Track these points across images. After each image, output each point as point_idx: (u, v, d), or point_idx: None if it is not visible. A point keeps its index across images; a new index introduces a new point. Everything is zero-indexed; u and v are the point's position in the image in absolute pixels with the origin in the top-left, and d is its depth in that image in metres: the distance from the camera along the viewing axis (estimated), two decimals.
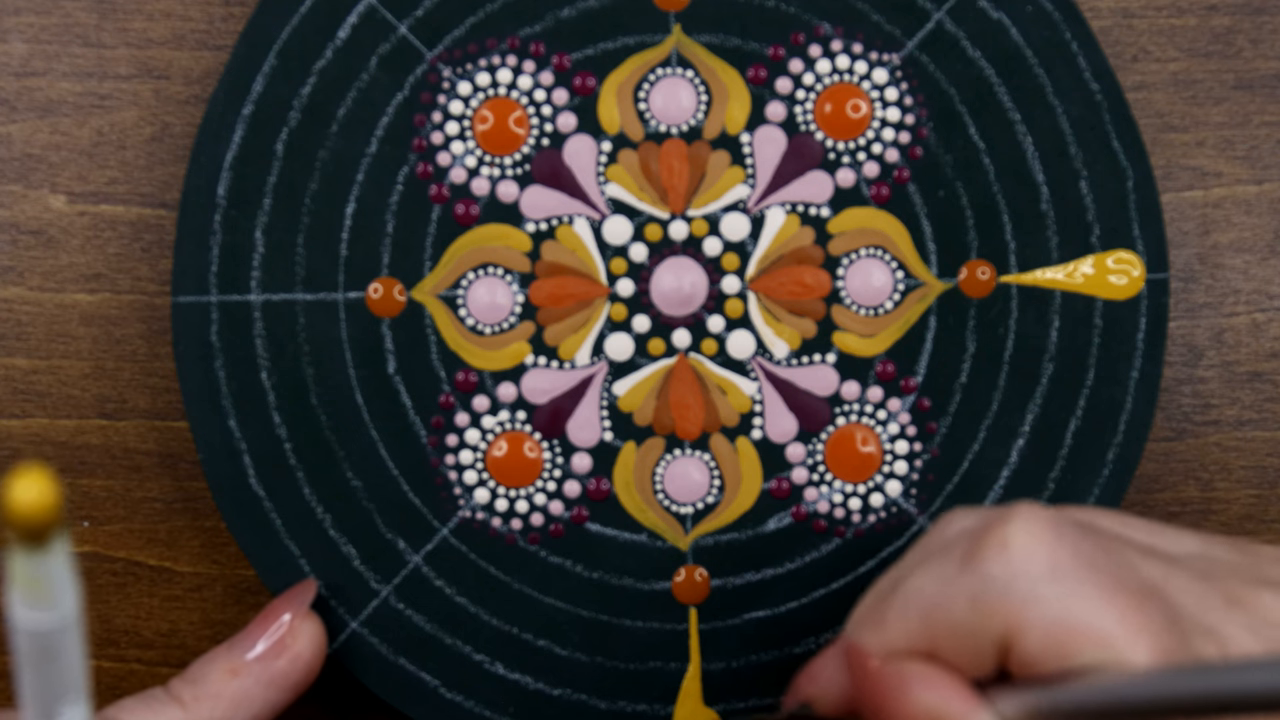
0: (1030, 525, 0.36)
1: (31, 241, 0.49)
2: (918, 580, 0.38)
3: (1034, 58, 0.47)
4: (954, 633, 0.37)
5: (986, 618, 0.36)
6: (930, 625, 0.37)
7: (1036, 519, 0.37)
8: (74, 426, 0.49)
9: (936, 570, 0.37)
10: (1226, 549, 0.39)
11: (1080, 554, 0.36)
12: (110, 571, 0.49)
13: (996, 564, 0.36)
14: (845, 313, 0.47)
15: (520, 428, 0.47)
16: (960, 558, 0.37)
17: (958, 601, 0.36)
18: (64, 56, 0.49)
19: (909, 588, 0.38)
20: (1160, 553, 0.38)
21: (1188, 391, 0.49)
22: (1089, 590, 0.35)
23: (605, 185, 0.47)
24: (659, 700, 0.47)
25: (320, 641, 0.44)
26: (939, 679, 0.37)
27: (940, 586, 0.37)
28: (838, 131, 0.47)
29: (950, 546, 0.38)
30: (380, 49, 0.47)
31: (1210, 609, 0.36)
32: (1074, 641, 0.35)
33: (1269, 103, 0.49)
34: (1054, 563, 0.36)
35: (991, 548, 0.36)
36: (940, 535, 0.39)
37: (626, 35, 0.47)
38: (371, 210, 0.47)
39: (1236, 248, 0.49)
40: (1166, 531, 0.40)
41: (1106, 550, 0.37)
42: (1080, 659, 0.35)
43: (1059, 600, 0.35)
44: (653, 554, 0.47)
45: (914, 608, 0.37)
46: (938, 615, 0.37)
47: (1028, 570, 0.36)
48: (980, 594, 0.36)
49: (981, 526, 0.37)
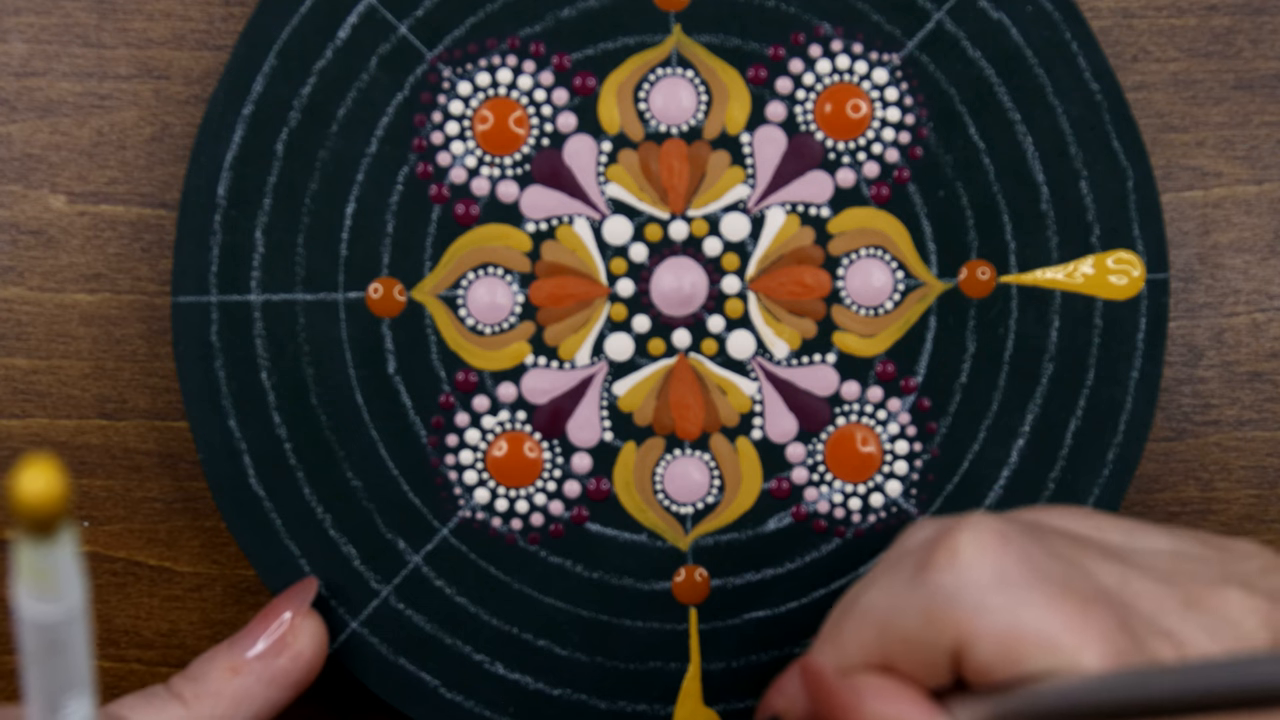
0: (978, 535, 0.37)
1: (31, 241, 0.49)
2: (872, 594, 0.38)
3: (1034, 58, 0.47)
4: (907, 645, 0.37)
5: (937, 629, 0.36)
6: (884, 638, 0.37)
7: (984, 528, 0.37)
8: (74, 426, 0.49)
9: (889, 583, 0.38)
10: (1198, 545, 0.39)
11: (1029, 561, 0.36)
12: (110, 571, 0.49)
13: (945, 575, 0.36)
14: (845, 313, 0.47)
15: (520, 428, 0.47)
16: (912, 570, 0.37)
17: (909, 614, 0.37)
18: (64, 56, 0.49)
19: (864, 602, 0.38)
20: (1123, 555, 0.38)
21: (1188, 391, 0.49)
22: (1036, 597, 0.35)
23: (605, 185, 0.47)
24: (659, 700, 0.47)
25: (321, 640, 0.44)
26: (893, 691, 0.37)
27: (893, 599, 0.37)
28: (838, 131, 0.48)
29: (905, 559, 0.38)
30: (380, 49, 0.47)
31: (1168, 611, 0.36)
32: (1023, 649, 0.35)
33: (1269, 103, 0.49)
34: (1001, 571, 0.36)
35: (940, 559, 0.37)
36: (900, 548, 0.40)
37: (626, 35, 0.47)
38: (371, 210, 0.47)
39: (1236, 248, 0.50)
40: (1137, 530, 0.40)
41: (1057, 556, 0.37)
42: (1031, 666, 0.35)
43: (1006, 609, 0.35)
44: (653, 554, 0.47)
45: (869, 622, 0.38)
46: (891, 628, 0.37)
47: (975, 580, 0.36)
48: (929, 606, 0.36)
49: (933, 538, 0.38)
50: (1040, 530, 0.38)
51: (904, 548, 0.39)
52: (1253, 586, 0.37)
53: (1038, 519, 0.40)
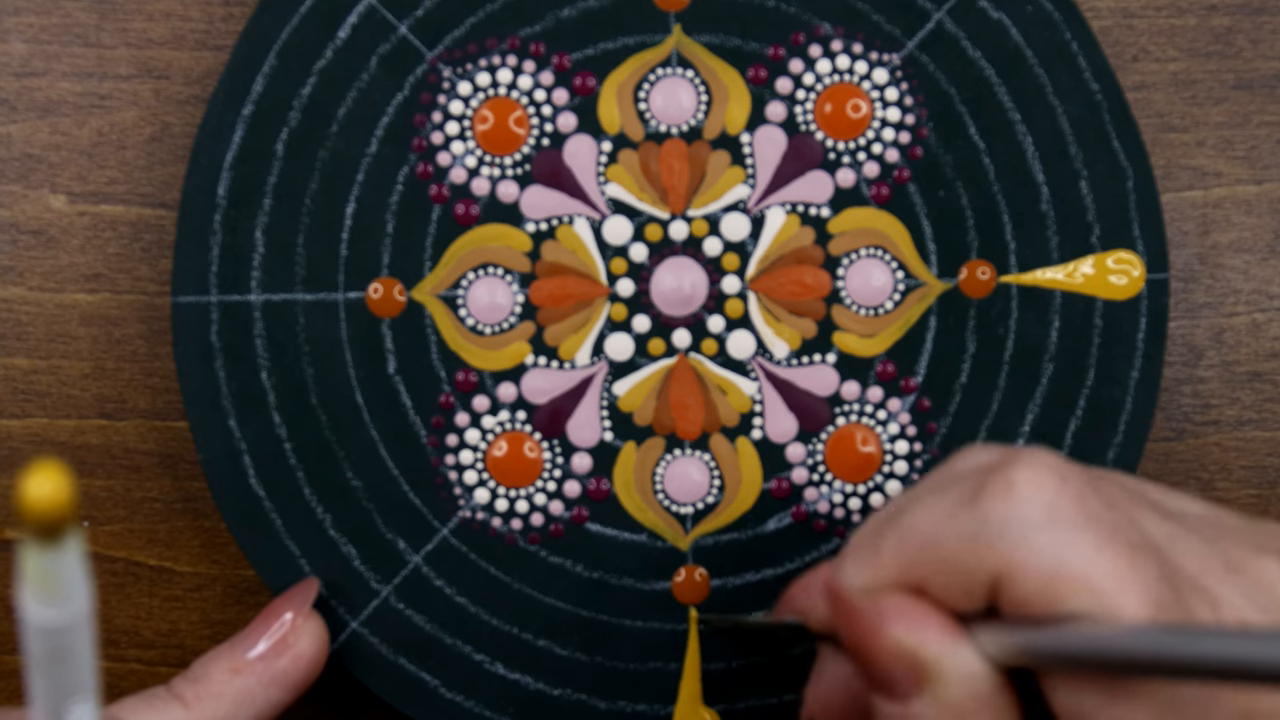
0: (1036, 471, 0.36)
1: (31, 241, 0.48)
2: (918, 513, 0.37)
3: (1034, 58, 0.47)
4: (945, 568, 0.36)
5: (981, 558, 0.36)
6: (923, 559, 0.37)
7: (1044, 465, 0.36)
8: (74, 426, 0.49)
9: (938, 504, 0.37)
10: (1232, 518, 0.39)
11: (1082, 503, 0.36)
12: (110, 571, 0.49)
13: (997, 505, 0.36)
14: (845, 313, 0.47)
15: (520, 428, 0.47)
16: (963, 495, 0.37)
17: (955, 539, 0.36)
18: (64, 56, 0.48)
19: (909, 519, 0.37)
20: (1172, 513, 0.38)
21: (1188, 391, 0.49)
22: (1085, 539, 0.35)
23: (605, 185, 0.47)
24: (659, 700, 0.47)
25: (322, 640, 0.44)
26: (918, 615, 0.36)
27: (939, 522, 0.37)
28: (838, 131, 0.48)
29: (956, 482, 0.37)
30: (380, 49, 0.47)
31: (1210, 571, 0.36)
32: (1065, 588, 0.35)
33: (1269, 103, 0.49)
34: (1054, 509, 0.36)
35: (995, 488, 0.36)
36: (950, 470, 0.39)
37: (627, 35, 0.47)
38: (371, 210, 0.47)
39: (1236, 248, 0.50)
40: (1175, 496, 0.40)
41: (1112, 504, 0.37)
42: (1070, 605, 0.35)
43: (1054, 547, 0.35)
44: (653, 554, 0.47)
45: (909, 539, 0.37)
46: (932, 550, 0.37)
47: (1026, 515, 0.36)
48: (976, 534, 0.36)
49: (989, 466, 0.37)
50: (1097, 477, 0.38)
51: (955, 470, 0.39)
52: None
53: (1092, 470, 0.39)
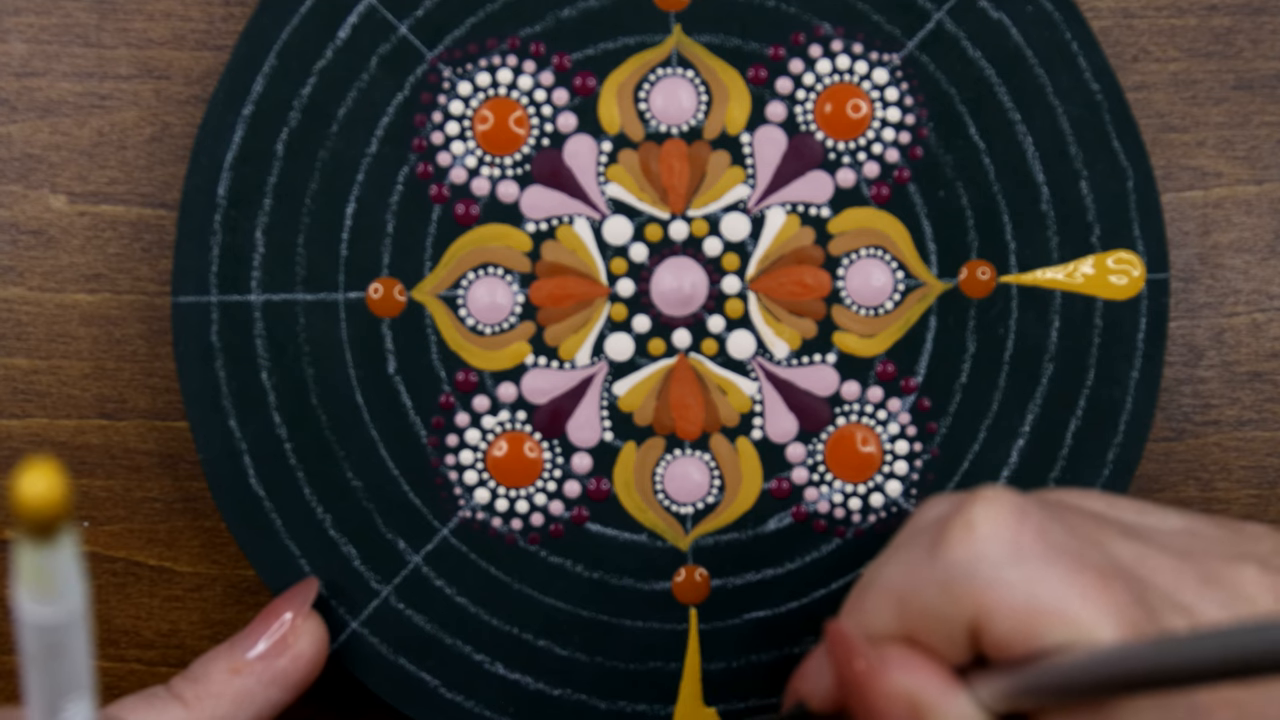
0: (993, 509, 0.37)
1: (31, 241, 0.49)
2: (889, 570, 0.38)
3: (1034, 58, 0.47)
4: (927, 619, 0.37)
5: (955, 603, 0.36)
6: (904, 613, 0.37)
7: (1000, 502, 0.37)
8: (74, 426, 0.49)
9: (907, 559, 0.38)
10: (1211, 526, 0.39)
11: (1044, 535, 0.36)
12: (110, 571, 0.49)
13: (960, 549, 0.36)
14: (845, 313, 0.47)
15: (520, 428, 0.47)
16: (928, 544, 0.37)
17: (927, 588, 0.37)
18: (64, 56, 0.49)
19: (883, 579, 0.38)
20: (1140, 532, 0.38)
21: (1188, 391, 0.49)
22: (1052, 571, 0.35)
23: (605, 185, 0.47)
24: (659, 700, 0.47)
25: (322, 640, 0.44)
26: (917, 662, 0.37)
27: (910, 574, 0.37)
28: (838, 131, 0.48)
29: (920, 534, 0.38)
30: (380, 49, 0.47)
31: (1184, 586, 0.36)
32: (1040, 622, 0.35)
33: (1269, 103, 0.49)
34: (1017, 545, 0.36)
35: (955, 533, 0.37)
36: (913, 525, 0.40)
37: (627, 35, 0.47)
38: (372, 210, 0.47)
39: (1236, 248, 0.50)
40: (1152, 510, 0.40)
41: (1073, 530, 0.37)
42: (1048, 639, 0.35)
43: (1023, 582, 0.35)
44: (653, 554, 0.47)
45: (888, 597, 0.38)
46: (910, 602, 0.37)
47: (990, 554, 0.36)
48: (947, 580, 0.36)
49: (949, 512, 0.37)
50: (1056, 506, 0.38)
51: (919, 523, 0.39)
52: (1267, 564, 0.37)
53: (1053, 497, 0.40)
